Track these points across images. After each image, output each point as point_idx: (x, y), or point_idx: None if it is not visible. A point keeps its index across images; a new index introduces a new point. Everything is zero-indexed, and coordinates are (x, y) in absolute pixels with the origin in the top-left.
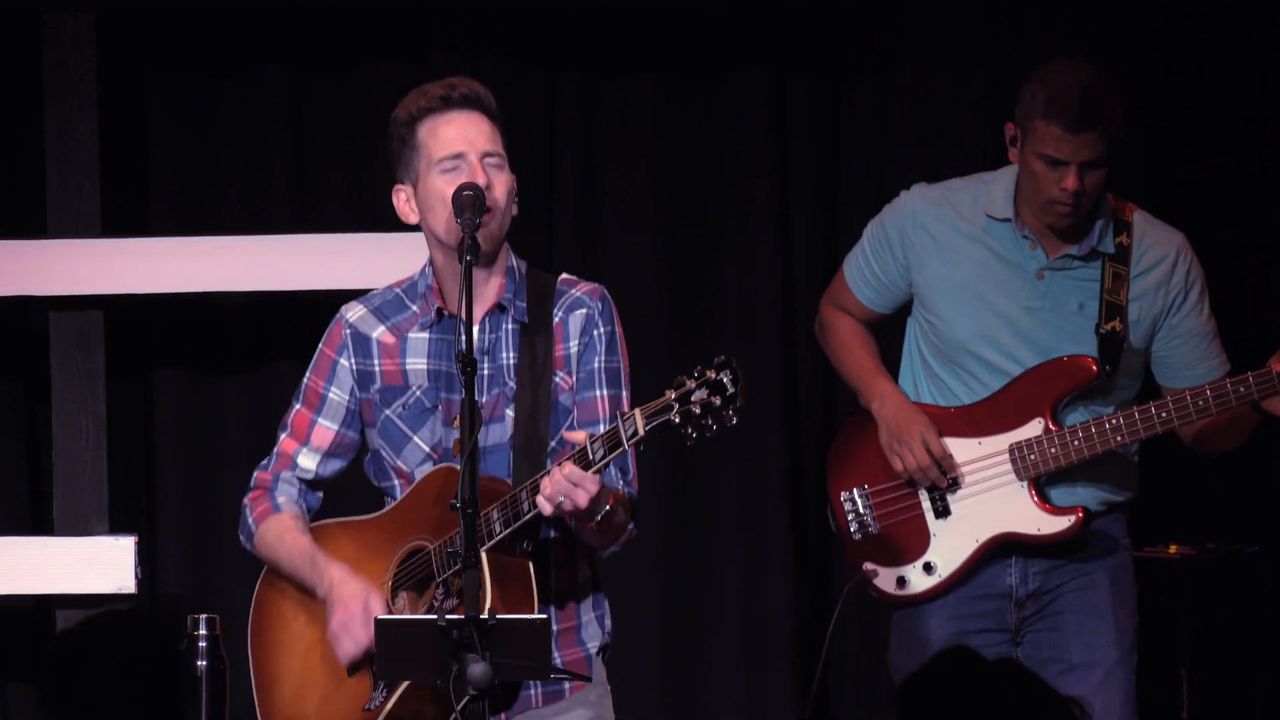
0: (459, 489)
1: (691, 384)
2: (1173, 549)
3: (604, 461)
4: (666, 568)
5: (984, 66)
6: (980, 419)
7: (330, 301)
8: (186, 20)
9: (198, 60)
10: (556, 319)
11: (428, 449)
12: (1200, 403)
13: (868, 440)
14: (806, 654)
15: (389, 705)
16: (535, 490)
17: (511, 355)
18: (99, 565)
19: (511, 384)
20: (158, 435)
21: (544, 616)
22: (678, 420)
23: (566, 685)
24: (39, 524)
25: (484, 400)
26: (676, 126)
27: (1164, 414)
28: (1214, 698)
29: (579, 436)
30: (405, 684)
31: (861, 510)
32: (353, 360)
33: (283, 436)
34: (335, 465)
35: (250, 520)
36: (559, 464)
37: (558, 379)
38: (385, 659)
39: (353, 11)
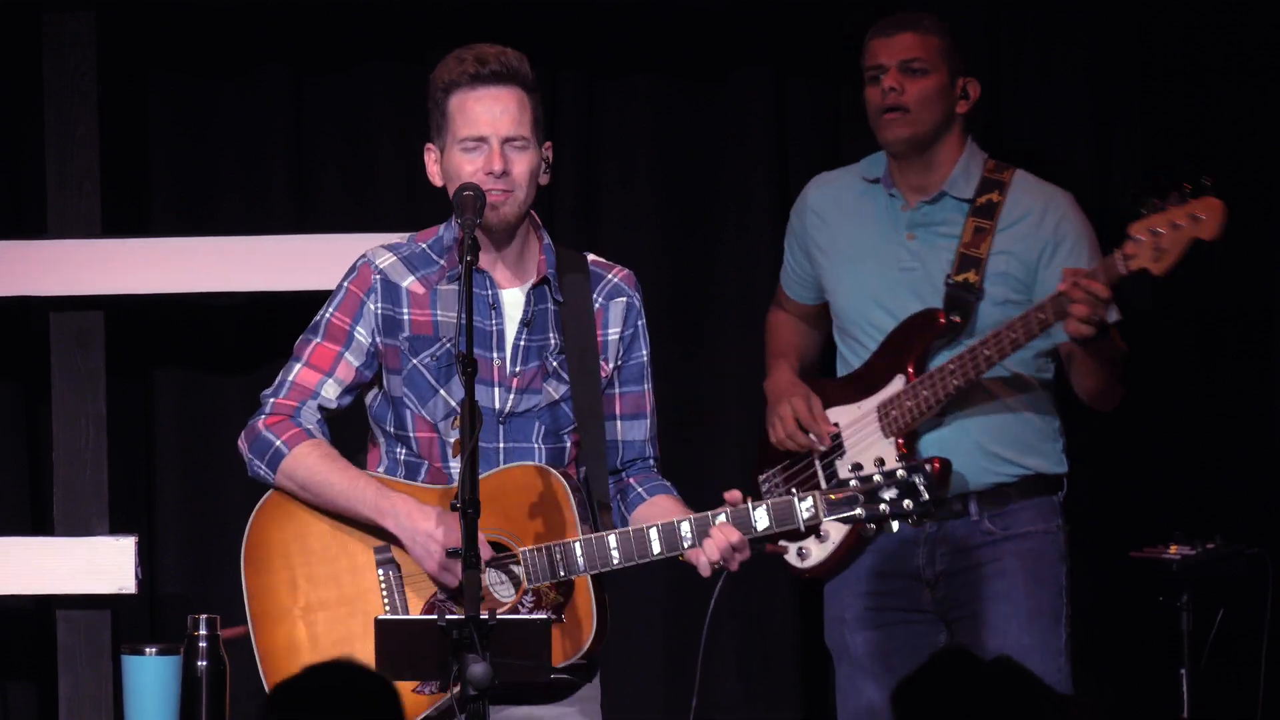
0: (459, 489)
1: (879, 479)
2: (1173, 549)
3: (767, 534)
4: (666, 567)
5: (982, 67)
6: (857, 383)
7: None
8: (186, 20)
9: (198, 60)
10: (597, 304)
11: (454, 403)
12: (1013, 334)
13: None
14: (807, 654)
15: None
16: (667, 533)
17: (556, 335)
18: (99, 566)
19: (553, 362)
20: (158, 435)
21: (544, 617)
22: (862, 514)
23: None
24: (39, 524)
25: (519, 369)
26: (676, 126)
27: (986, 351)
28: (1214, 698)
29: (734, 496)
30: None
31: (774, 489)
32: (380, 304)
33: (297, 367)
34: (348, 400)
35: (279, 442)
36: (724, 529)
37: (600, 363)
38: (385, 659)
39: (353, 11)
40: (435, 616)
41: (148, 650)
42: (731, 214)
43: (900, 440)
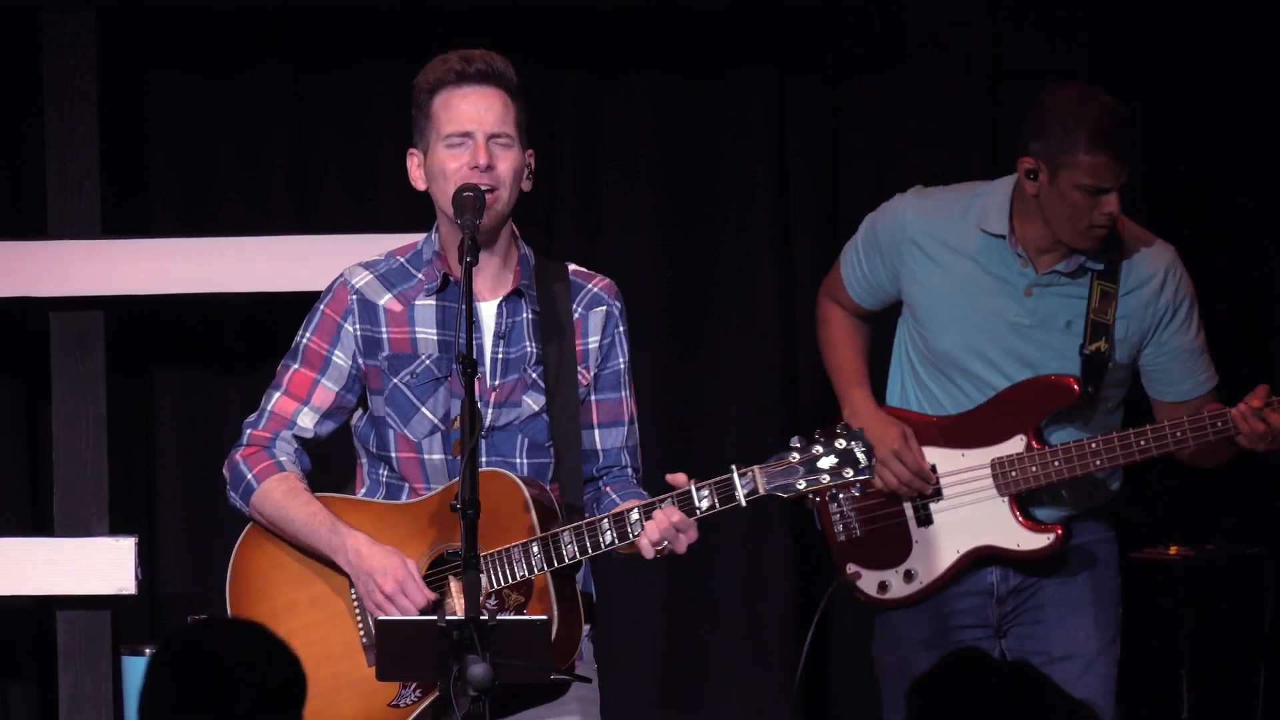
0: (459, 490)
1: (819, 449)
2: (1173, 549)
3: (710, 511)
4: (666, 568)
5: (984, 66)
6: (964, 431)
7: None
8: (186, 20)
9: (198, 60)
10: (576, 314)
11: (435, 419)
12: (1179, 434)
13: None
14: (807, 655)
15: (422, 705)
16: (618, 521)
17: (534, 346)
18: (99, 566)
19: (533, 373)
20: (158, 436)
21: (544, 618)
22: (802, 485)
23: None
24: (39, 524)
25: (498, 383)
26: (676, 126)
27: (1143, 442)
28: (1214, 698)
29: (678, 480)
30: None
31: (846, 513)
32: (357, 326)
33: (276, 395)
34: (329, 426)
35: (250, 476)
36: (666, 511)
37: (578, 373)
38: (385, 659)
39: (353, 11)
40: (435, 617)
41: (148, 650)
42: (731, 214)
43: (1013, 499)
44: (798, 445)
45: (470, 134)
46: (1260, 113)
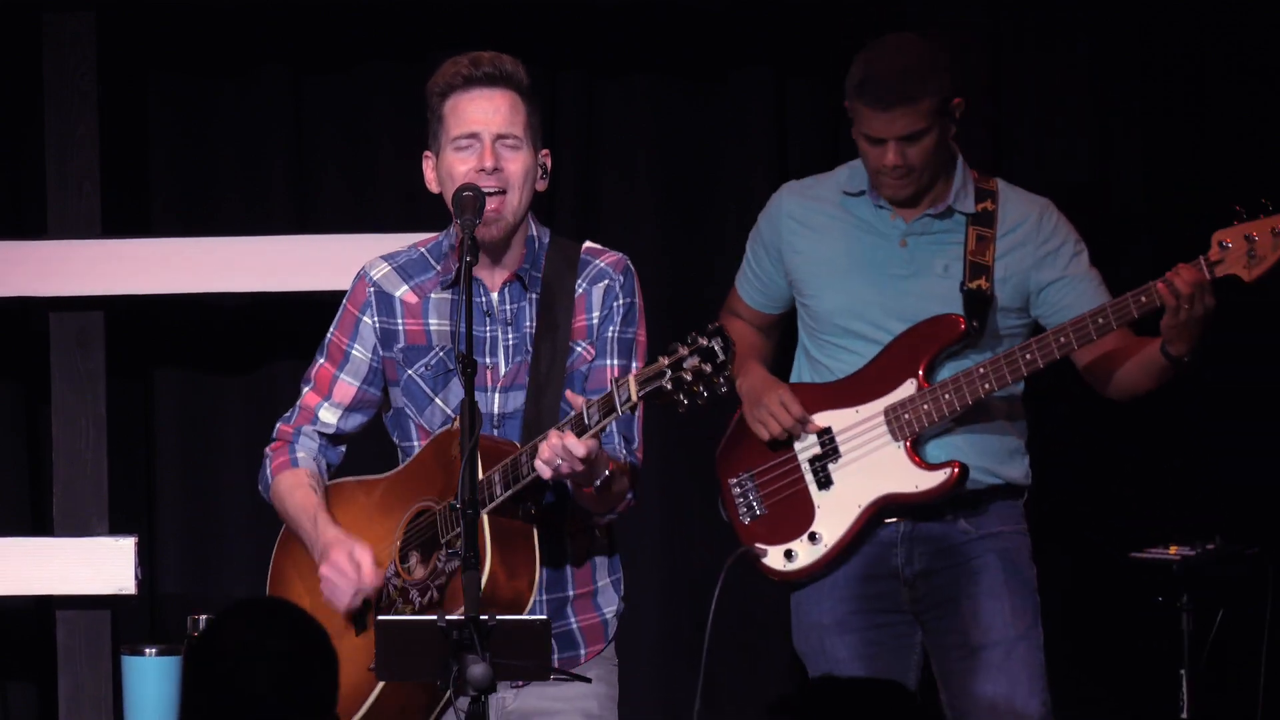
0: (459, 490)
1: (684, 350)
2: (1173, 549)
3: (599, 426)
4: (666, 570)
5: (984, 66)
6: (856, 388)
7: (330, 302)
8: (186, 20)
9: (198, 60)
10: (580, 290)
11: (449, 410)
12: (1061, 339)
13: (745, 425)
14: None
15: None
16: (535, 454)
17: (533, 325)
18: (99, 566)
19: (530, 353)
20: (158, 436)
21: (544, 618)
22: (669, 386)
23: (582, 652)
24: (39, 524)
25: (507, 368)
26: (676, 126)
27: (1027, 355)
28: (1214, 698)
29: (577, 401)
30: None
31: (748, 492)
32: (376, 318)
33: (306, 390)
34: (357, 420)
35: (268, 472)
36: (557, 429)
37: (579, 350)
38: (385, 659)
39: (353, 11)
40: (435, 617)
41: (148, 651)
42: (731, 214)
43: (909, 444)
44: (669, 350)
45: (477, 135)
46: (1260, 113)
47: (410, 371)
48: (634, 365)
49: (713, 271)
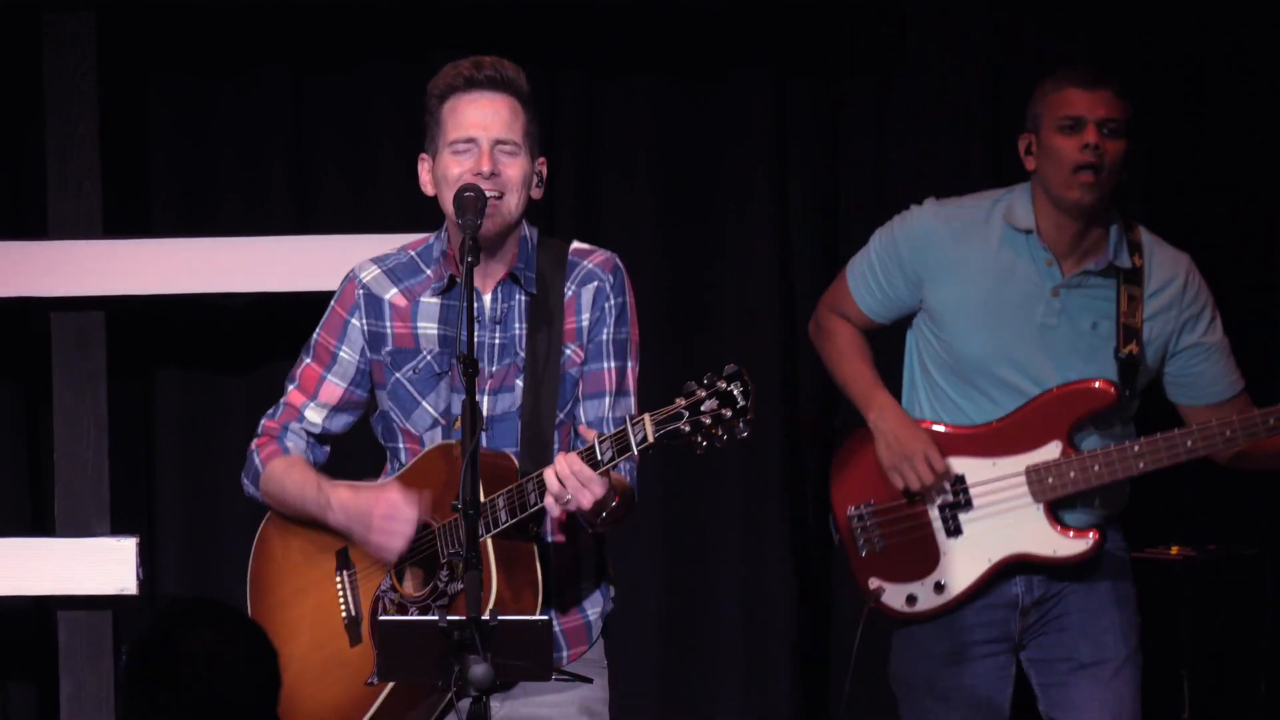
0: (460, 490)
1: (702, 393)
2: (1173, 550)
3: (611, 463)
4: (666, 572)
5: (984, 66)
6: (994, 440)
7: (330, 302)
8: (186, 20)
9: (198, 60)
10: (569, 292)
11: (436, 414)
12: (1228, 433)
13: (871, 454)
14: (805, 659)
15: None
16: (542, 482)
17: (523, 326)
18: (100, 566)
19: (523, 354)
20: (159, 436)
21: (545, 618)
22: (688, 429)
23: (564, 654)
24: (40, 525)
25: (494, 370)
26: (676, 126)
27: (1189, 442)
28: (1214, 698)
29: (589, 434)
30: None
31: (869, 526)
32: (364, 320)
33: (290, 388)
34: (342, 420)
35: (257, 461)
36: (566, 458)
37: (569, 352)
38: (386, 659)
39: (353, 11)
40: (435, 617)
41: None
42: (731, 214)
43: (1047, 506)
44: (687, 390)
45: (475, 140)
46: (1260, 113)
47: (398, 375)
48: (630, 365)
49: (713, 271)
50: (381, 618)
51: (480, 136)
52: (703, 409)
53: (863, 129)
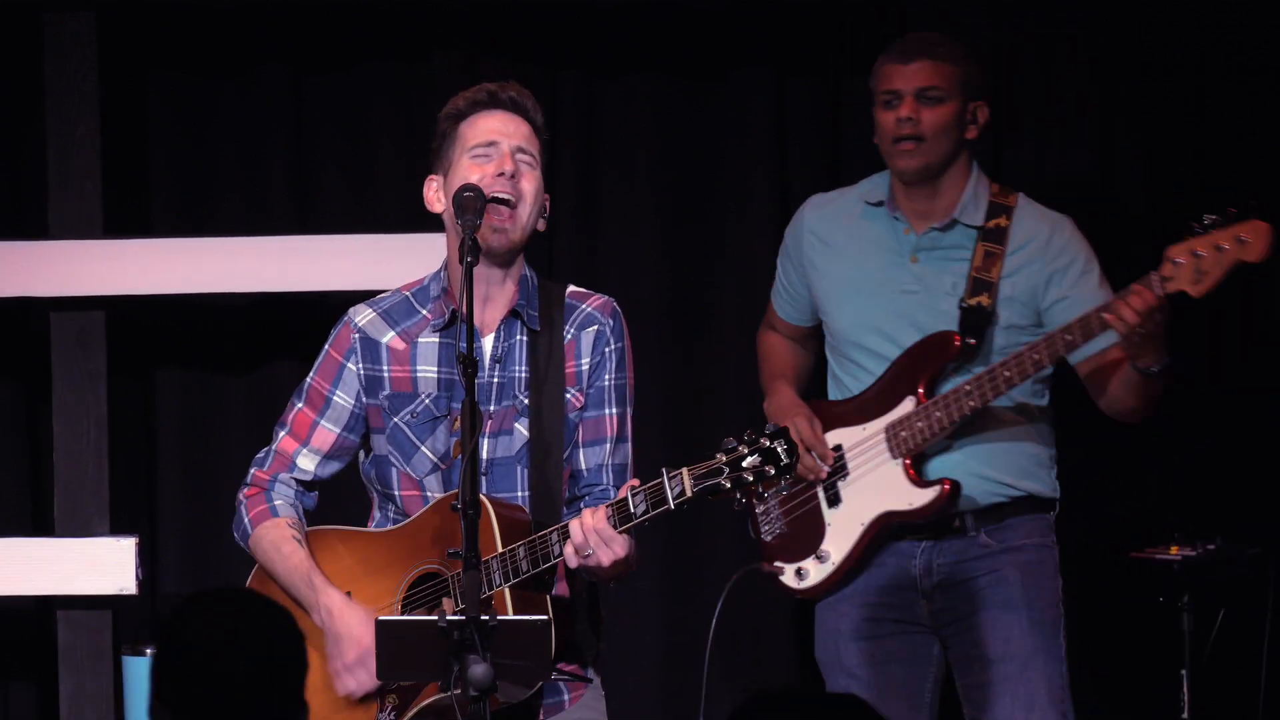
0: (460, 490)
1: (744, 449)
2: (1173, 549)
3: (644, 517)
4: (666, 576)
5: (984, 66)
6: (864, 406)
7: (330, 302)
8: (186, 20)
9: (198, 60)
10: (569, 336)
11: (435, 459)
12: (1035, 355)
13: None
14: (805, 663)
15: None
16: (565, 533)
17: (524, 369)
18: (100, 566)
19: (523, 398)
20: (159, 436)
21: (545, 618)
22: (728, 485)
23: (565, 697)
24: (40, 524)
25: (492, 409)
26: (676, 126)
27: (1006, 372)
28: (1214, 698)
29: (622, 489)
30: (415, 710)
31: (772, 510)
32: (360, 365)
33: (281, 434)
34: (333, 467)
35: (246, 520)
36: (592, 513)
37: (569, 396)
38: (385, 660)
39: (353, 11)
40: (435, 617)
41: (148, 651)
42: (731, 214)
43: (908, 461)
44: (726, 446)
45: (496, 143)
46: (1260, 113)
47: (396, 419)
48: (629, 411)
49: (713, 272)
50: (380, 617)
51: (502, 141)
52: (744, 464)
53: (863, 129)
